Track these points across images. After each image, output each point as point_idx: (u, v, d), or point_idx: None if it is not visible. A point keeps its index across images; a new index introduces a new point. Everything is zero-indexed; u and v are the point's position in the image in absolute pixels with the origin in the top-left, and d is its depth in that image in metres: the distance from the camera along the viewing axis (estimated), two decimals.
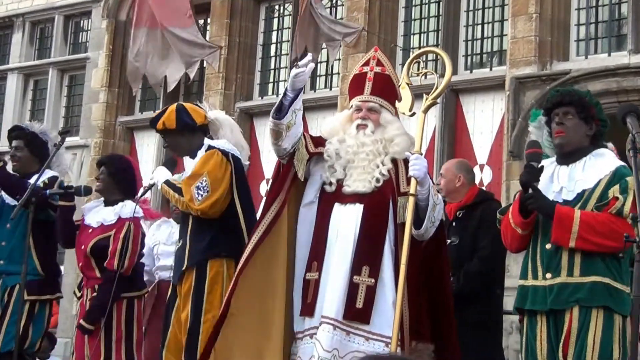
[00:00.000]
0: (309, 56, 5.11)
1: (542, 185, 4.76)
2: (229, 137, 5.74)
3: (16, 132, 6.99)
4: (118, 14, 15.73)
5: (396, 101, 5.30)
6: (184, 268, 5.53)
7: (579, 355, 4.48)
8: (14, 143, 6.90)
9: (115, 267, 6.32)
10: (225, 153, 5.54)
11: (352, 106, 5.37)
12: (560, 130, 4.73)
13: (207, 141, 5.67)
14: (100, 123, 15.49)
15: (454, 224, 6.43)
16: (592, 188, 4.65)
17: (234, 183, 5.55)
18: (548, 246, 4.63)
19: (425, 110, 5.18)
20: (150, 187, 5.95)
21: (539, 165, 4.69)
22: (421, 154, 5.02)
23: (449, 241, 6.34)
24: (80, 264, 6.55)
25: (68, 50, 16.89)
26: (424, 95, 5.24)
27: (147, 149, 15.41)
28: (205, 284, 5.46)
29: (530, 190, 4.68)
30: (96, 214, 6.62)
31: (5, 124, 17.00)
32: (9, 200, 6.79)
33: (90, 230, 6.54)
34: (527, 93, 11.14)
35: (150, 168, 14.90)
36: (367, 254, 4.99)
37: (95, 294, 6.42)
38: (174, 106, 5.79)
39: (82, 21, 16.84)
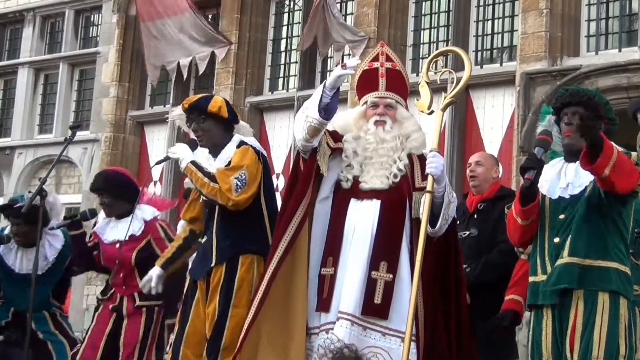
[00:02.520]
0: (356, 58, 5.15)
1: (550, 181, 4.76)
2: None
3: (10, 211, 7.00)
4: (129, 9, 15.76)
5: (415, 99, 5.31)
6: (212, 265, 5.52)
7: (585, 351, 4.47)
8: (13, 221, 6.93)
9: None
10: (257, 151, 5.59)
11: (365, 102, 5.36)
12: (570, 130, 4.71)
13: (238, 137, 5.70)
14: (111, 117, 15.54)
15: (475, 216, 6.43)
16: None
17: (263, 182, 5.61)
18: (556, 240, 4.62)
19: (444, 109, 5.20)
20: (166, 159, 5.93)
21: (542, 155, 4.68)
22: (438, 152, 5.04)
23: (467, 232, 6.37)
24: (122, 275, 6.55)
25: (78, 44, 16.95)
26: (442, 93, 5.25)
27: (157, 143, 15.45)
28: (235, 279, 5.46)
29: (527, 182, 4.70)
30: (114, 229, 6.62)
31: (16, 117, 17.08)
32: (20, 268, 6.91)
33: (118, 246, 6.54)
34: (538, 89, 11.14)
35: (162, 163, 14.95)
36: (385, 250, 4.99)
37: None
38: (219, 98, 5.83)
39: (92, 15, 16.89)
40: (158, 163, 6.33)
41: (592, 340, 4.47)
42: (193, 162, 5.56)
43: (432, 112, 5.22)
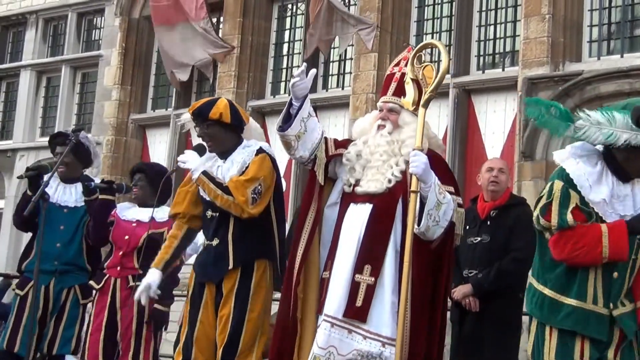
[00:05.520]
0: (303, 66, 5.14)
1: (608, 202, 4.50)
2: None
3: (60, 139, 7.12)
4: (131, 12, 15.79)
5: (401, 97, 5.25)
6: (230, 267, 5.53)
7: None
8: (59, 149, 7.02)
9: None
10: (273, 160, 5.62)
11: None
12: None
13: (255, 141, 5.70)
14: (113, 121, 15.55)
15: (488, 222, 6.42)
16: None
17: (274, 189, 5.64)
18: (615, 275, 4.45)
19: (425, 105, 5.03)
20: (176, 170, 6.03)
21: None
22: (422, 150, 4.91)
23: (479, 239, 6.36)
24: (122, 252, 6.64)
25: (81, 47, 16.96)
26: (424, 89, 5.17)
27: (159, 146, 15.45)
28: (251, 284, 5.51)
29: None
30: (135, 212, 6.73)
31: (18, 121, 17.09)
32: (58, 199, 6.99)
33: (135, 224, 6.62)
34: (540, 94, 11.11)
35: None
36: (370, 253, 4.99)
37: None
38: (225, 101, 5.74)
39: (95, 19, 16.91)
40: (169, 176, 6.36)
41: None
42: (205, 173, 5.55)
43: (416, 108, 5.14)
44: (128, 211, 6.78)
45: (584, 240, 4.41)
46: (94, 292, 6.81)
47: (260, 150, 5.61)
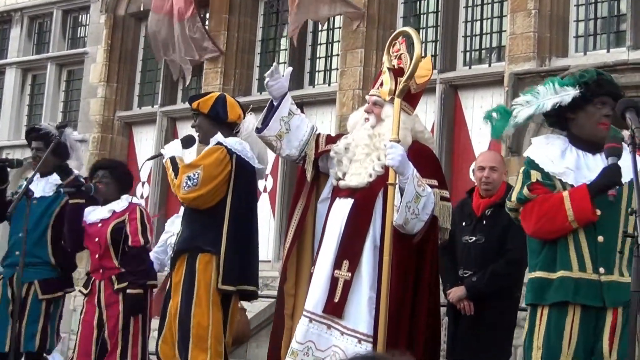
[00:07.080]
0: (274, 66, 5.15)
1: (573, 170, 4.56)
2: (252, 147, 5.77)
3: (35, 134, 7.08)
4: (116, 9, 15.72)
5: (381, 87, 5.21)
6: (171, 254, 5.67)
7: (625, 349, 4.41)
8: (34, 144, 6.97)
9: (142, 242, 6.47)
10: (230, 152, 5.57)
11: None
12: (608, 123, 4.55)
13: (218, 136, 5.70)
14: (99, 118, 15.49)
15: (484, 222, 6.30)
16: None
17: (232, 183, 5.57)
18: (600, 239, 4.45)
19: (400, 95, 5.02)
20: (157, 156, 6.19)
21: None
22: (398, 141, 4.87)
23: (474, 238, 6.27)
24: (97, 255, 6.63)
25: (66, 45, 16.89)
26: (398, 79, 5.12)
27: (145, 143, 15.40)
28: (195, 277, 5.51)
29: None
30: (98, 212, 6.71)
31: (3, 118, 17.01)
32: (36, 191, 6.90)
33: (100, 224, 6.63)
34: (526, 89, 11.07)
35: (149, 163, 14.91)
36: (348, 248, 4.98)
37: (121, 277, 6.52)
38: (217, 94, 5.94)
39: (80, 16, 16.83)
40: (150, 159, 6.53)
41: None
42: (172, 158, 5.65)
43: (392, 98, 5.09)
44: (92, 214, 6.78)
45: (545, 208, 4.49)
46: (78, 292, 6.84)
47: (217, 143, 5.66)
